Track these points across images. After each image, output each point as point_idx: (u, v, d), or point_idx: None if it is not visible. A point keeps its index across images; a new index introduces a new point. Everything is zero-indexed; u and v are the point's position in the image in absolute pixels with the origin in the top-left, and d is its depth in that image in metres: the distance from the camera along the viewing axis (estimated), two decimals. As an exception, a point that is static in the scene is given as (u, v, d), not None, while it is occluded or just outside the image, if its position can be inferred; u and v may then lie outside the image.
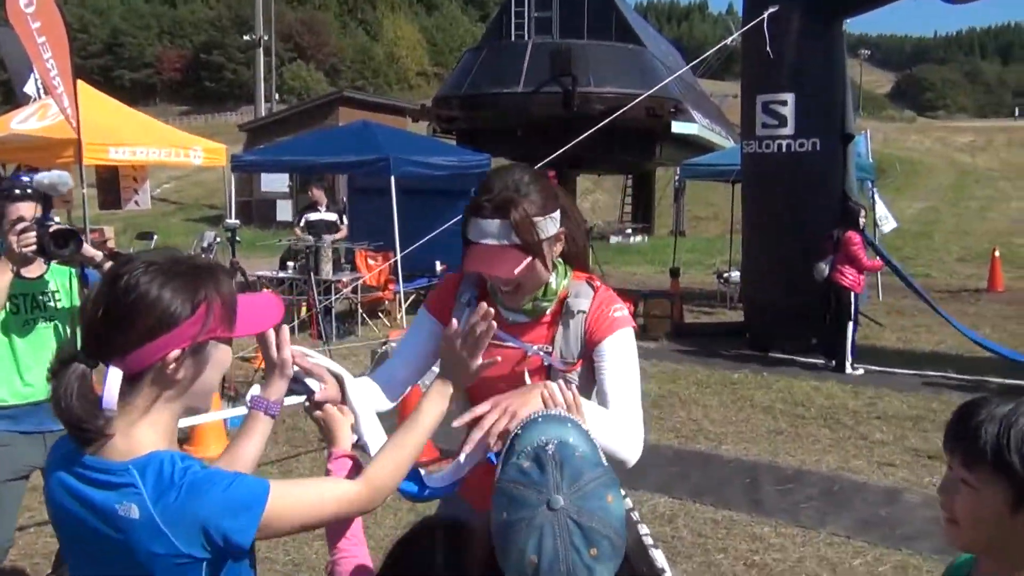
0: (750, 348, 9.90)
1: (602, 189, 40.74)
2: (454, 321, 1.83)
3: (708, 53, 18.39)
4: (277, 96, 46.92)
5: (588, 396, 2.10)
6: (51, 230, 3.39)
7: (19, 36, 11.30)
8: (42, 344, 3.64)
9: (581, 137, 8.81)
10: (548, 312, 2.13)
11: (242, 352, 8.70)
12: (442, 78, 61.29)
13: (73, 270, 3.75)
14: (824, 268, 8.82)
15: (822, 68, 9.32)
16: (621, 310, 2.13)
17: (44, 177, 3.71)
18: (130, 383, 1.42)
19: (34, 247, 3.35)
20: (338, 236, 11.45)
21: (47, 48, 11.12)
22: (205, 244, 17.96)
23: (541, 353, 2.10)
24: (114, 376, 1.40)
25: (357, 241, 12.10)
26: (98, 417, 1.39)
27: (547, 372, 2.09)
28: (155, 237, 17.82)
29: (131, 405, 1.43)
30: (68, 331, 3.68)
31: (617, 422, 1.99)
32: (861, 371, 8.78)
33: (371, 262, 11.89)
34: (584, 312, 2.11)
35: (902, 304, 12.73)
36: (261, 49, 29.29)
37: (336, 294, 10.65)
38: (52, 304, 3.67)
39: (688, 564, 4.52)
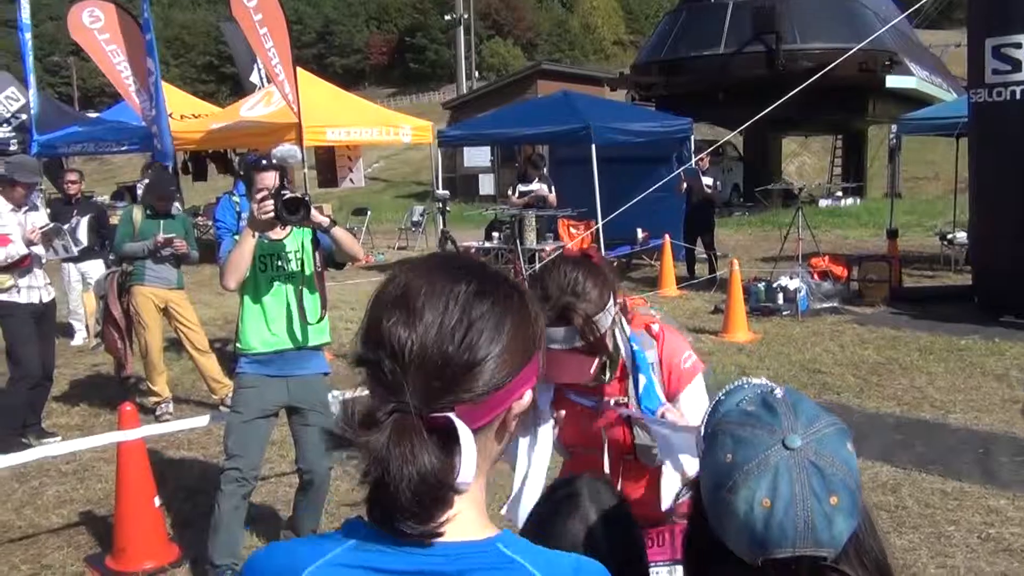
0: (979, 313, 9.20)
1: (809, 151, 38.95)
2: None
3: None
4: (477, 73, 47.96)
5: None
6: (284, 198, 3.74)
7: (243, 29, 12.22)
8: (283, 299, 4.07)
9: (786, 97, 8.44)
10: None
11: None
12: (639, 46, 60.41)
13: (308, 232, 4.09)
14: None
15: (1064, 3, 8.45)
16: (689, 358, 2.26)
17: (278, 151, 4.09)
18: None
19: (271, 213, 3.73)
20: (548, 205, 11.61)
21: (268, 39, 11.92)
22: (415, 218, 18.81)
23: (618, 409, 2.19)
24: (468, 436, 0.93)
25: (561, 211, 12.23)
26: (447, 492, 0.93)
27: (627, 423, 2.20)
28: (368, 212, 18.75)
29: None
30: (301, 288, 4.04)
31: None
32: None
33: (573, 231, 11.98)
34: (654, 363, 2.22)
35: None
36: (462, 28, 30.00)
37: (540, 263, 10.82)
38: (292, 263, 4.06)
39: (915, 535, 4.29)
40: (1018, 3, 8.51)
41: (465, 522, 0.97)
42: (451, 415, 0.93)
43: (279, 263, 4.06)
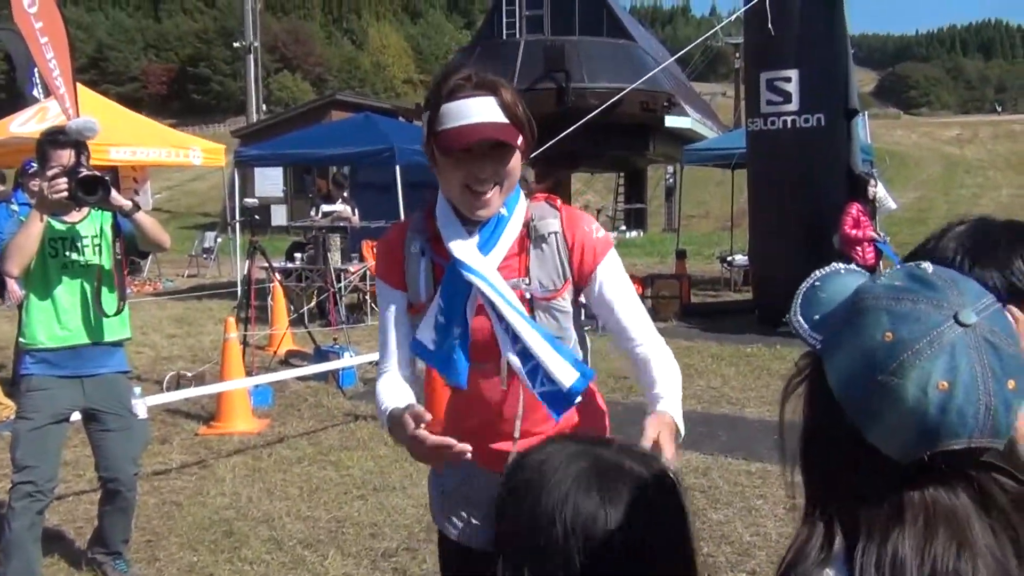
0: (760, 325, 9.95)
1: (593, 191, 40.86)
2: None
3: (696, 42, 18.64)
4: (265, 107, 46.77)
5: (576, 321, 1.98)
6: (80, 176, 3.45)
7: (24, 37, 11.33)
8: (77, 289, 3.71)
9: (576, 125, 8.89)
10: (513, 240, 1.90)
11: (256, 340, 8.74)
12: (428, 85, 61.16)
13: (108, 216, 3.79)
14: (835, 240, 8.94)
15: (825, 42, 9.40)
16: (599, 229, 1.96)
17: (73, 123, 3.76)
18: None
19: (64, 193, 3.43)
20: (352, 221, 11.41)
21: (49, 48, 11.10)
22: (207, 244, 18.03)
23: (521, 286, 1.89)
24: None
25: (365, 235, 12.09)
26: None
27: (529, 305, 1.89)
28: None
29: None
30: (99, 278, 3.73)
31: (669, 364, 1.90)
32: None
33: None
34: (557, 232, 1.91)
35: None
36: (252, 55, 29.28)
37: (345, 282, 10.66)
38: (90, 249, 3.73)
39: (729, 510, 4.56)
40: (789, 41, 9.38)
41: None
42: None
43: (73, 250, 3.70)
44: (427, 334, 1.91)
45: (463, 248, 1.86)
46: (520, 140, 1.79)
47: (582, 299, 1.99)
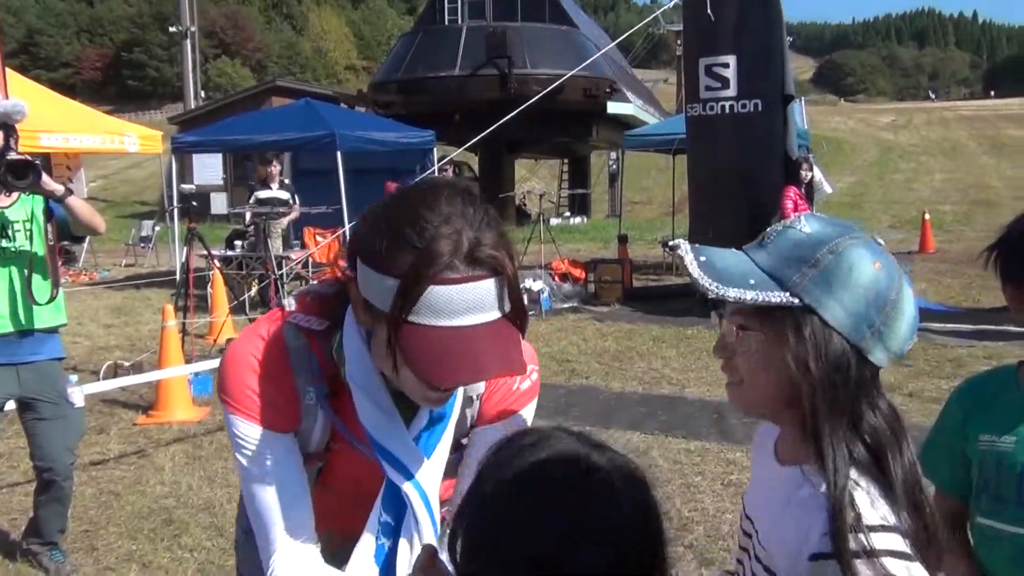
0: (701, 307, 10.09)
1: (537, 177, 40.94)
2: None
3: (636, 27, 18.71)
4: (203, 93, 45.94)
5: None
6: (9, 160, 3.39)
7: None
8: (10, 275, 3.63)
9: (518, 110, 8.89)
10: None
11: (196, 328, 8.64)
12: (371, 71, 60.82)
13: (39, 201, 3.71)
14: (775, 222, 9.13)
15: (762, 29, 9.54)
16: (525, 378, 1.47)
17: (1, 106, 3.67)
18: None
19: None
20: (291, 216, 11.17)
21: (-26, 31, 10.80)
22: (144, 233, 17.69)
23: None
24: None
25: (306, 221, 11.98)
26: None
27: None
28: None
29: None
30: (30, 264, 3.65)
31: None
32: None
33: (319, 239, 11.82)
34: (481, 392, 1.46)
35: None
36: (189, 40, 28.71)
37: (286, 269, 10.55)
38: (21, 234, 3.65)
39: (668, 487, 4.64)
40: (727, 27, 9.50)
41: None
42: None
43: (3, 236, 3.61)
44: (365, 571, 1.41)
45: (405, 448, 1.38)
46: (522, 343, 1.27)
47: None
